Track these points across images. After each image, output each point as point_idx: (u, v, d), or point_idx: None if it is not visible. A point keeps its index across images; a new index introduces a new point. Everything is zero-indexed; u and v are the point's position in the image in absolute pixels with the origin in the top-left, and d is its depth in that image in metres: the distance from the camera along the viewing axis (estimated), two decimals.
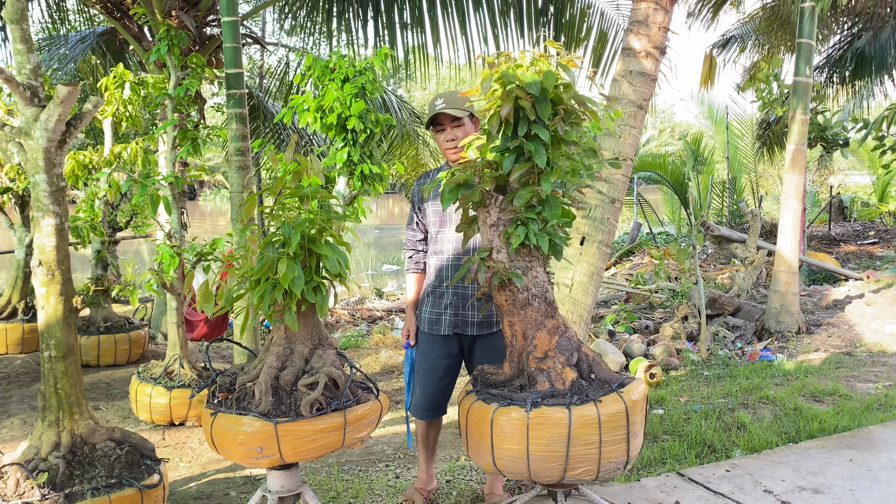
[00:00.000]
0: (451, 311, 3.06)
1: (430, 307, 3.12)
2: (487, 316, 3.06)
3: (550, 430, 2.29)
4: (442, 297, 3.08)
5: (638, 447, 2.47)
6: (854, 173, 21.24)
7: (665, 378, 5.49)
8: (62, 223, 2.72)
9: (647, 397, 2.47)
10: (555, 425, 2.29)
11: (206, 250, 4.61)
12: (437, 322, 3.08)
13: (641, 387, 2.49)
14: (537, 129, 2.39)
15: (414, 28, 7.78)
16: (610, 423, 2.33)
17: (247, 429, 2.22)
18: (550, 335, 2.52)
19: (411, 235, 3.22)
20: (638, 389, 2.45)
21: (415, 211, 3.20)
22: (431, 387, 3.13)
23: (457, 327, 3.06)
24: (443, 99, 2.99)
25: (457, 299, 3.06)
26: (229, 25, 4.96)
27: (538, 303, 2.53)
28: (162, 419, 4.66)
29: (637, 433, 2.44)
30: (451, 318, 3.06)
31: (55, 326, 2.70)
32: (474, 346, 3.10)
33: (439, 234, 3.10)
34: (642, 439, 2.51)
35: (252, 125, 9.23)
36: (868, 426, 4.02)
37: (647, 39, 4.80)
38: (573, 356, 2.51)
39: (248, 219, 2.46)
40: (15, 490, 2.53)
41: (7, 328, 6.27)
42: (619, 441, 2.36)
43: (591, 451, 2.33)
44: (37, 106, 2.67)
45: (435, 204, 3.08)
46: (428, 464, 3.29)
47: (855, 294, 7.76)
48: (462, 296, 3.06)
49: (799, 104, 6.97)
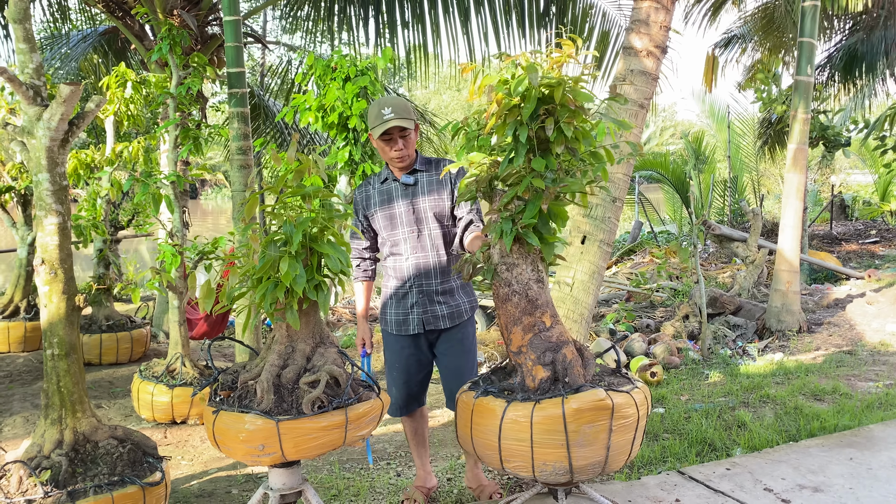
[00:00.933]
0: (419, 310, 3.09)
1: (394, 309, 3.14)
2: (455, 307, 3.12)
3: (487, 419, 2.51)
4: (406, 297, 3.11)
5: (588, 458, 2.44)
6: (856, 172, 21.21)
7: (666, 377, 5.49)
8: (65, 222, 2.73)
9: (611, 408, 2.41)
10: (490, 415, 2.50)
11: (207, 249, 4.62)
12: (405, 322, 3.11)
13: (596, 397, 2.43)
14: (521, 130, 2.47)
15: (415, 27, 7.79)
16: (543, 425, 2.40)
17: (249, 426, 2.23)
18: (524, 332, 2.61)
19: (356, 244, 3.22)
20: (589, 399, 2.41)
21: (359, 219, 3.19)
22: (409, 382, 3.19)
23: (427, 324, 3.10)
24: (391, 108, 2.96)
25: (423, 297, 3.09)
26: (231, 24, 4.97)
27: (518, 298, 2.63)
28: (164, 417, 4.67)
29: (584, 443, 2.41)
30: (419, 317, 3.09)
31: (58, 325, 2.71)
32: (439, 339, 3.14)
33: (392, 235, 3.12)
34: (603, 451, 2.46)
35: (253, 124, 9.24)
36: (868, 425, 4.02)
37: (648, 38, 4.80)
38: (546, 355, 2.57)
39: (250, 217, 2.46)
40: (18, 488, 2.54)
41: (9, 326, 6.29)
42: (556, 446, 2.41)
43: (522, 447, 2.45)
44: (39, 105, 2.68)
45: (384, 208, 3.10)
46: (423, 460, 3.31)
47: (856, 293, 7.76)
48: (428, 293, 3.09)
49: (800, 103, 6.96)
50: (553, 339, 2.60)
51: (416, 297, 3.09)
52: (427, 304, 3.09)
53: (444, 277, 3.12)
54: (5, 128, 2.78)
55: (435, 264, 3.10)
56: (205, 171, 5.40)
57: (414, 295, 3.09)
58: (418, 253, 3.09)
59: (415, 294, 3.09)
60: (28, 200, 6.36)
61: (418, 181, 3.11)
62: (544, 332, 2.60)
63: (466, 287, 3.21)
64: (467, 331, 3.19)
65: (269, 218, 2.42)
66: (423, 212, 3.09)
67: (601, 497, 2.79)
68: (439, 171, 3.12)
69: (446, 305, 3.11)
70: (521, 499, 2.88)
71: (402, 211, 3.09)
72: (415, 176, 3.11)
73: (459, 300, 3.16)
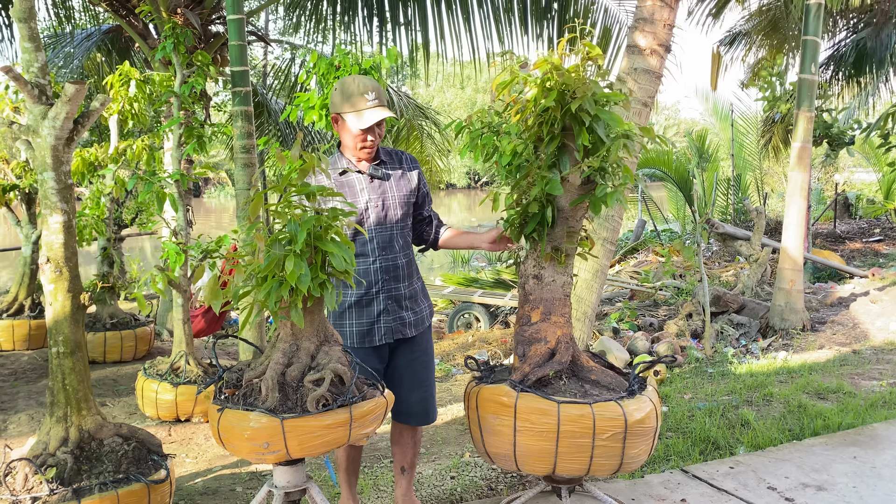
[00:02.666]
0: (388, 317, 2.81)
1: (356, 318, 2.81)
2: (419, 313, 2.92)
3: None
4: (372, 305, 2.80)
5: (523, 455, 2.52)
6: (860, 170, 21.15)
7: (669, 375, 5.49)
8: (70, 220, 2.74)
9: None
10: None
11: (211, 247, 4.63)
12: (370, 333, 2.81)
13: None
14: (550, 135, 2.49)
15: (417, 24, 7.79)
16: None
17: (253, 424, 2.24)
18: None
19: None
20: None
21: None
22: None
23: (396, 333, 2.84)
24: (374, 94, 2.69)
25: (391, 303, 2.82)
26: (234, 23, 4.97)
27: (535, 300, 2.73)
28: (168, 415, 4.69)
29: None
30: (387, 325, 2.81)
31: (63, 322, 2.72)
32: (399, 349, 2.90)
33: (356, 238, 2.79)
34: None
35: (256, 122, 9.25)
36: (872, 423, 4.02)
37: (652, 37, 4.80)
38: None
39: (255, 216, 2.47)
40: (24, 485, 2.55)
41: (14, 325, 6.31)
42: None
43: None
44: (44, 104, 2.69)
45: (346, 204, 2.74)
46: (352, 490, 3.06)
47: (860, 292, 7.75)
48: (396, 298, 2.84)
49: (804, 101, 6.95)
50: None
51: (384, 303, 2.80)
52: (395, 311, 2.83)
53: (410, 281, 2.90)
54: (11, 126, 2.79)
55: (402, 266, 2.86)
56: (208, 169, 5.41)
57: (381, 301, 2.80)
58: (387, 255, 2.81)
59: (382, 301, 2.80)
60: (32, 199, 6.37)
61: (391, 175, 2.84)
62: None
63: (426, 291, 3.02)
64: (429, 338, 3.00)
65: (273, 216, 2.42)
66: (392, 209, 2.82)
67: (605, 495, 2.79)
68: (403, 165, 2.90)
69: (412, 312, 2.88)
70: (525, 497, 2.88)
71: (369, 207, 2.79)
72: (383, 169, 2.83)
73: (423, 305, 2.95)
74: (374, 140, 2.76)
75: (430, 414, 3.01)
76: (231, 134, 5.15)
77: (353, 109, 2.71)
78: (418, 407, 2.94)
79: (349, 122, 2.72)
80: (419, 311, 2.93)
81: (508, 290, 9.12)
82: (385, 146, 2.97)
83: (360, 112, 2.70)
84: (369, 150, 2.78)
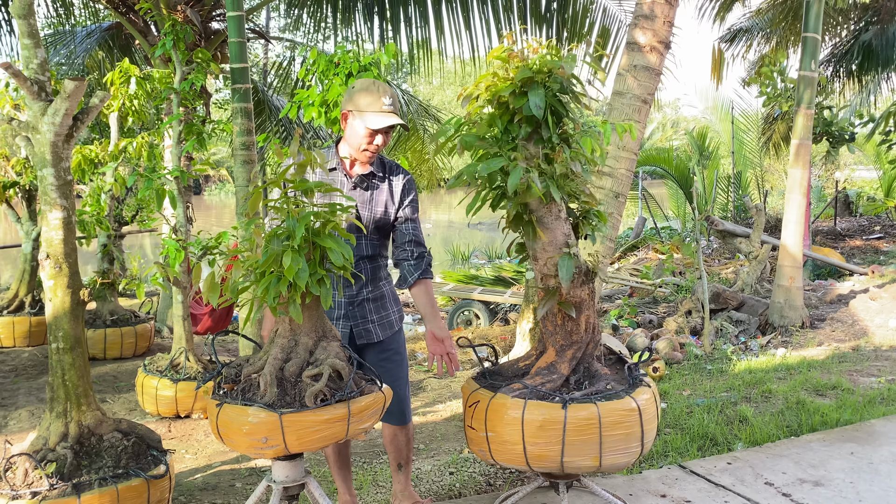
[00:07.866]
0: (349, 323, 2.80)
1: None
2: (385, 317, 2.88)
3: None
4: (331, 311, 2.78)
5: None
6: (860, 168, 21.15)
7: (668, 372, 5.50)
8: (69, 216, 2.75)
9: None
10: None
11: (211, 244, 4.63)
12: None
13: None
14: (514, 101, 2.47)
15: (418, 22, 7.80)
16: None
17: (252, 419, 2.25)
18: None
19: None
20: None
21: None
22: None
23: (359, 338, 2.82)
24: (391, 100, 2.70)
25: (353, 308, 2.80)
26: (234, 20, 4.98)
27: None
28: (168, 411, 4.70)
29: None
30: (350, 332, 2.81)
31: (63, 319, 2.73)
32: (366, 352, 2.85)
33: None
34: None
35: (256, 120, 9.25)
36: (870, 420, 4.03)
37: (652, 34, 4.80)
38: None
39: (254, 212, 2.47)
40: (24, 480, 2.56)
41: (14, 321, 6.32)
42: None
43: None
44: (44, 100, 2.70)
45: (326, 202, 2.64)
46: (347, 484, 3.05)
47: (859, 289, 7.75)
48: (357, 302, 2.81)
49: (804, 99, 6.95)
50: None
51: (346, 307, 2.80)
52: (357, 317, 2.81)
53: (375, 284, 2.86)
54: (10, 123, 2.79)
55: (367, 271, 2.83)
56: (208, 166, 5.42)
57: (343, 306, 2.80)
58: (357, 258, 2.79)
59: (343, 305, 2.79)
60: (32, 195, 6.38)
61: (377, 186, 2.82)
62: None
63: (396, 296, 2.95)
64: (401, 340, 2.95)
65: (272, 212, 2.43)
66: (369, 220, 2.80)
67: (603, 490, 2.80)
68: (391, 179, 2.85)
69: (377, 315, 2.85)
70: (522, 492, 2.90)
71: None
72: (371, 180, 2.81)
73: (390, 309, 2.90)
74: (379, 145, 2.73)
75: (405, 413, 2.96)
76: (231, 131, 5.16)
77: (368, 109, 2.69)
78: (394, 406, 2.83)
79: (361, 119, 2.69)
80: (386, 314, 2.89)
81: (508, 287, 9.14)
82: (390, 160, 2.94)
83: (375, 113, 2.69)
84: (371, 154, 2.75)
